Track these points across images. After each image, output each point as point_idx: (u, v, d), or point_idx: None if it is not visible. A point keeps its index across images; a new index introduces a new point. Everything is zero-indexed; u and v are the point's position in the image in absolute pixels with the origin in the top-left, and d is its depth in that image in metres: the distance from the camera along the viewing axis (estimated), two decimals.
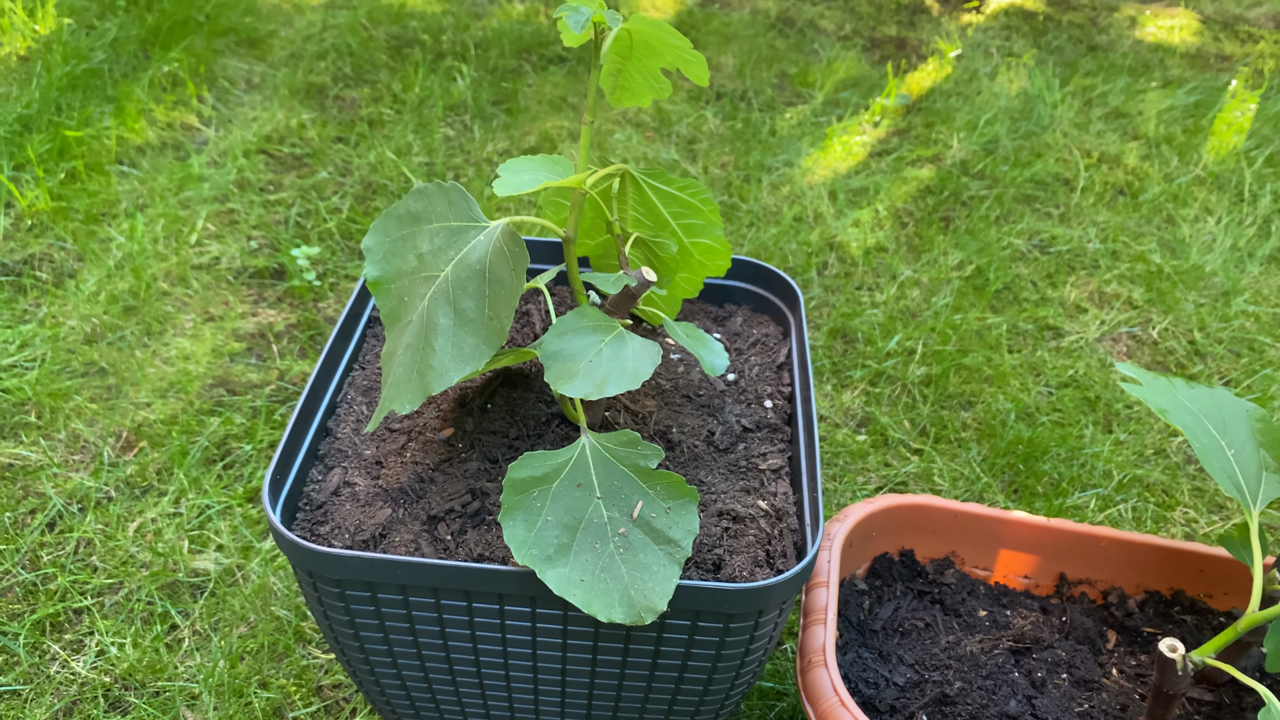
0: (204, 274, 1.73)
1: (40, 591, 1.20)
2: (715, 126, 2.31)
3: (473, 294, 0.80)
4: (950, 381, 1.62)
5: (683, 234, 0.98)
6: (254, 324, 1.64)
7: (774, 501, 0.89)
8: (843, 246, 1.93)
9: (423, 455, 0.93)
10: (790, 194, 2.08)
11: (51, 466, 1.35)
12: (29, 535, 1.27)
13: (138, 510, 1.31)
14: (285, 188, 1.97)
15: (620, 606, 0.74)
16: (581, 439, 0.79)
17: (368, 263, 0.85)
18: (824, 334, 1.70)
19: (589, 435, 0.79)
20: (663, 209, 0.96)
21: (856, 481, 1.44)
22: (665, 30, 0.86)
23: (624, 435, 0.79)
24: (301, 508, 0.88)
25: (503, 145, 2.15)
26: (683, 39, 0.86)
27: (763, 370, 1.03)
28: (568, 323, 0.81)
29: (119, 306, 1.63)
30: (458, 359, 0.80)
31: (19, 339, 1.54)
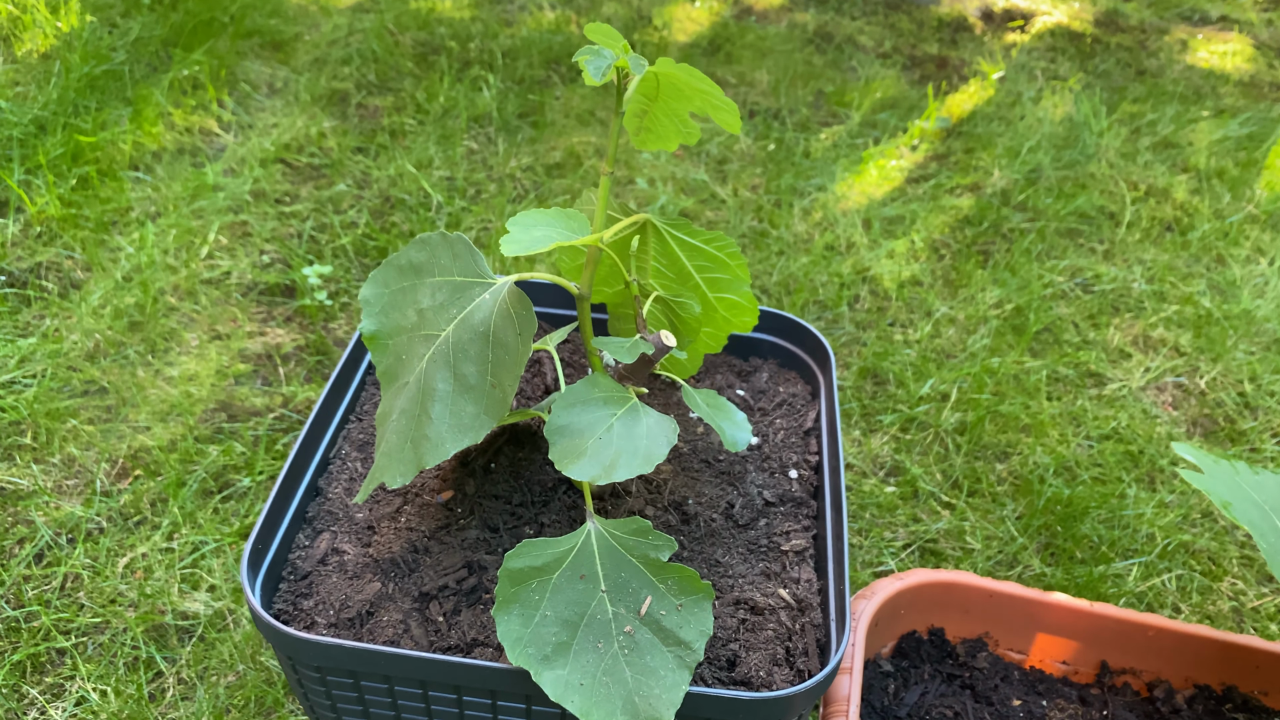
0: (213, 289, 1.68)
1: (23, 629, 1.15)
2: (747, 146, 2.23)
3: (475, 358, 0.74)
4: (985, 430, 1.54)
5: (707, 288, 0.91)
6: (261, 344, 1.58)
7: (796, 590, 0.81)
8: (876, 279, 1.85)
9: (419, 520, 0.86)
10: (823, 220, 2.00)
11: (43, 494, 1.30)
12: (15, 567, 1.21)
13: (129, 544, 1.25)
14: (301, 199, 1.91)
15: (623, 715, 0.67)
16: (587, 525, 0.72)
17: (365, 315, 0.79)
18: (854, 374, 1.63)
19: (595, 520, 0.72)
20: (686, 261, 0.89)
21: (884, 537, 1.37)
22: (694, 75, 0.79)
23: (634, 523, 0.72)
24: (285, 576, 0.82)
25: (526, 160, 2.09)
26: (713, 85, 0.78)
27: (789, 435, 0.96)
28: (577, 393, 0.74)
29: (124, 322, 1.58)
30: (455, 429, 0.73)
31: (19, 354, 1.49)
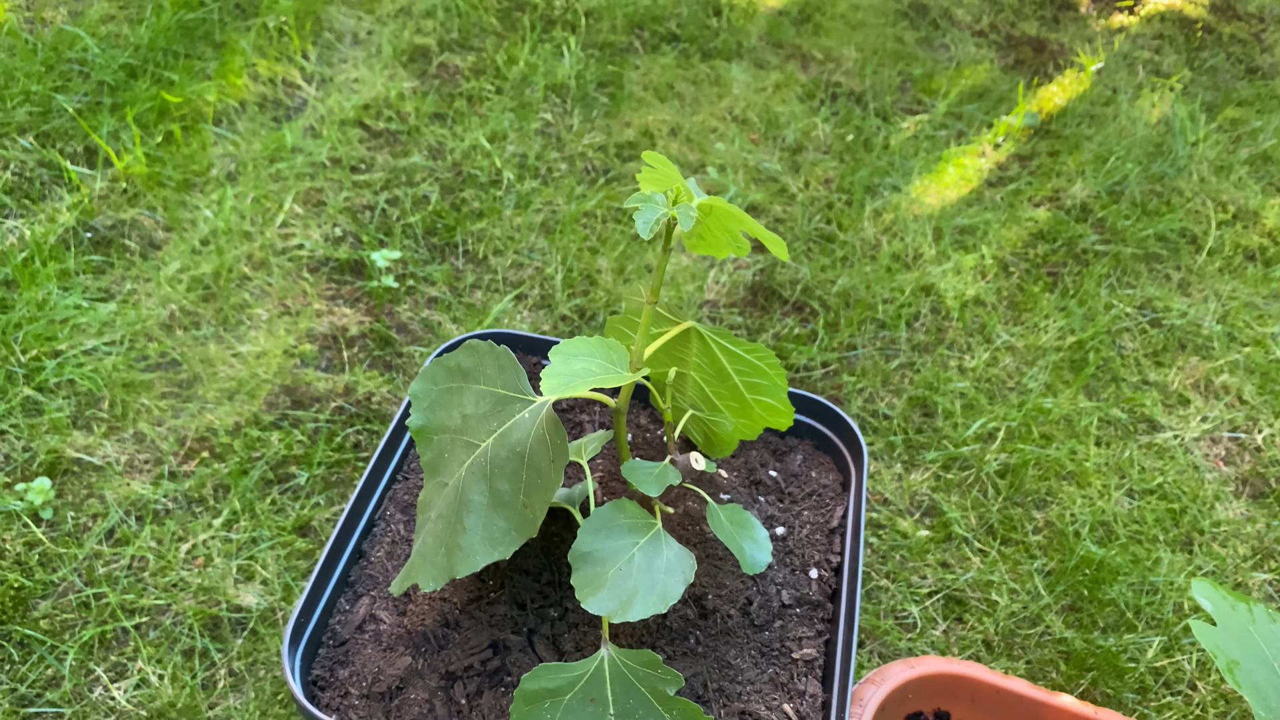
0: (285, 260, 1.73)
1: (93, 606, 1.24)
2: (825, 134, 2.20)
3: (510, 476, 0.77)
4: (1028, 475, 1.54)
5: (745, 390, 0.93)
6: (328, 324, 1.64)
7: (800, 705, 0.85)
8: (939, 296, 1.83)
9: (452, 591, 0.91)
10: (893, 225, 1.97)
11: (115, 470, 1.39)
12: (88, 543, 1.30)
13: (192, 529, 1.33)
14: (376, 167, 1.95)
15: None
16: (601, 652, 0.76)
17: (414, 409, 0.83)
18: (903, 403, 1.63)
19: (609, 647, 0.77)
20: (727, 365, 0.91)
21: (911, 582, 1.40)
22: (741, 216, 0.80)
23: (645, 655, 0.76)
24: (325, 642, 0.88)
25: (599, 139, 2.08)
26: (757, 224, 0.79)
27: (814, 531, 0.99)
28: (603, 518, 0.77)
29: (198, 292, 1.64)
30: (487, 543, 0.77)
31: (99, 321, 1.57)
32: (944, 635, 1.35)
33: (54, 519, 1.32)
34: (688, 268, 1.83)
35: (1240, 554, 1.49)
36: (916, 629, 1.35)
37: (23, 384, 1.46)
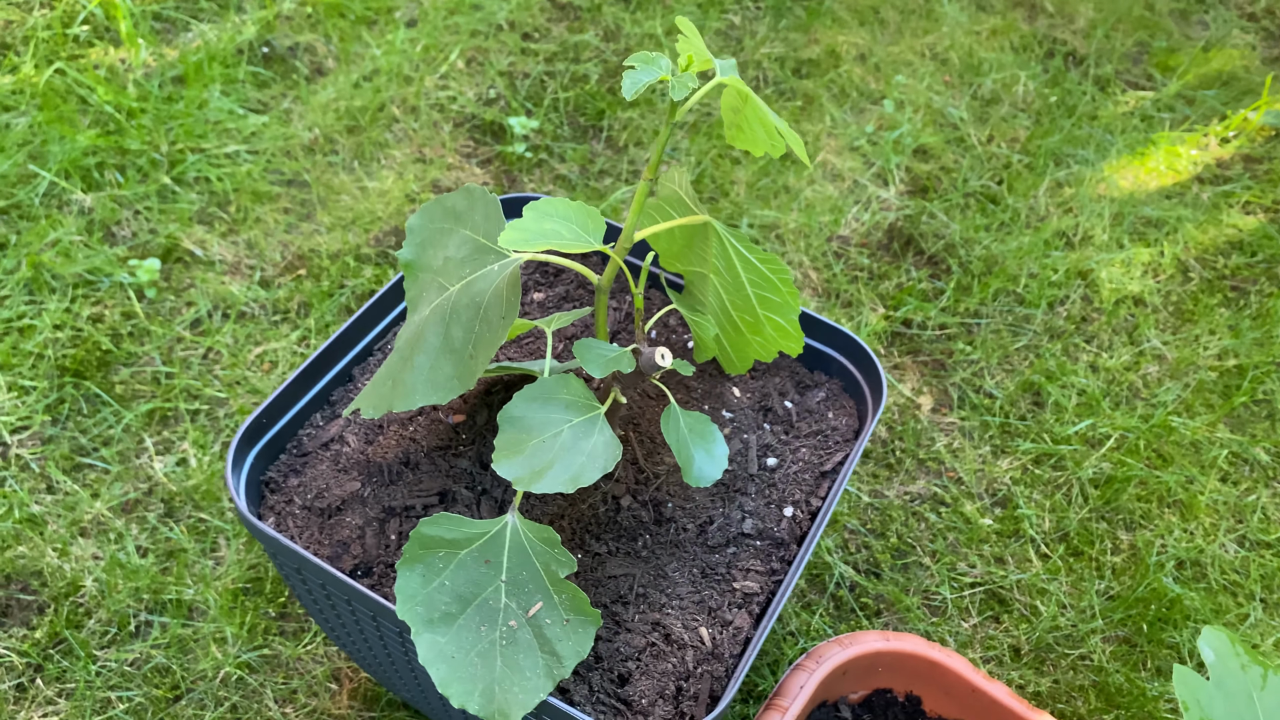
0: (435, 111, 1.76)
1: (162, 384, 1.33)
2: (1027, 91, 2.02)
3: (464, 324, 0.76)
4: (1127, 493, 1.40)
5: (758, 304, 0.87)
6: (454, 178, 1.66)
7: (718, 634, 0.81)
8: (1095, 284, 1.67)
9: (424, 435, 0.91)
10: (1070, 199, 1.80)
11: (219, 267, 1.47)
12: (175, 326, 1.39)
13: (268, 335, 1.40)
14: (548, 38, 1.94)
15: (478, 698, 0.71)
16: (506, 518, 0.74)
17: (406, 243, 0.82)
18: (1015, 384, 1.50)
19: (515, 515, 0.74)
20: (741, 272, 0.86)
21: (955, 568, 1.30)
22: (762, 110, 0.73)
23: (546, 532, 0.74)
24: (288, 449, 0.90)
25: (779, 50, 1.99)
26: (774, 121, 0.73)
27: (804, 470, 0.92)
28: (544, 388, 0.75)
29: (345, 124, 1.70)
30: (430, 385, 0.76)
31: (249, 129, 1.65)
32: (971, 630, 1.25)
33: (154, 298, 1.41)
34: (829, 198, 1.74)
35: None
36: (943, 614, 1.26)
37: (165, 172, 1.55)
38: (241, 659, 1.10)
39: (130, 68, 1.69)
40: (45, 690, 1.07)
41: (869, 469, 1.39)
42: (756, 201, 1.71)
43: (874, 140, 1.86)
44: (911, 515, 1.35)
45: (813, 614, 1.23)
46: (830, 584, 1.26)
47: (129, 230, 1.49)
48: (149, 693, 1.07)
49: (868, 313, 1.56)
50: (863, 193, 1.76)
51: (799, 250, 1.65)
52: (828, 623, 1.23)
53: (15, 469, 1.22)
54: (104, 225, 1.48)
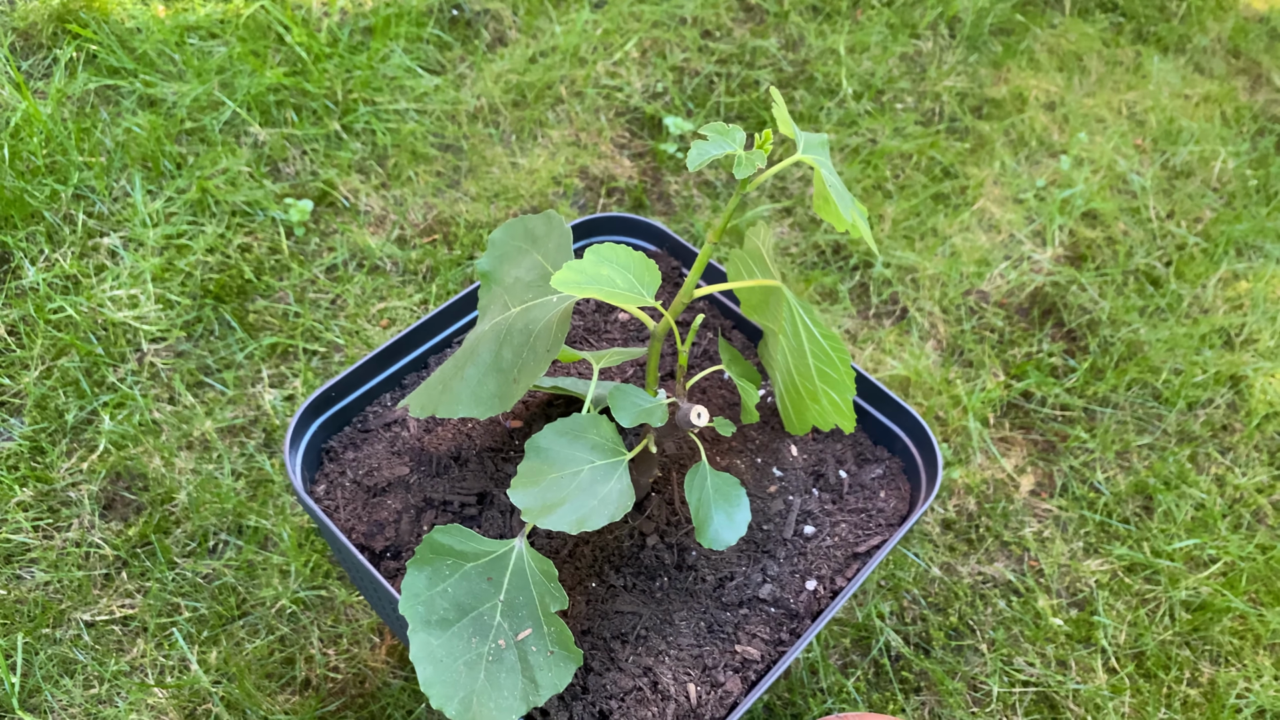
0: (600, 97, 1.79)
1: (288, 323, 1.42)
2: (1226, 170, 1.88)
3: (515, 348, 0.78)
4: (1222, 624, 1.31)
5: (817, 377, 0.86)
6: (603, 168, 1.69)
7: (705, 694, 0.82)
8: (1246, 393, 1.55)
9: (480, 434, 0.95)
10: (1243, 296, 1.67)
11: (364, 219, 1.55)
12: (312, 269, 1.48)
13: (394, 293, 1.47)
14: (728, 39, 1.93)
15: (456, 704, 0.74)
16: (515, 543, 0.77)
17: (486, 254, 0.86)
18: (1127, 482, 1.42)
19: (523, 543, 0.77)
20: (805, 342, 0.85)
21: (1012, 662, 1.26)
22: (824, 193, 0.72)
23: (546, 564, 0.76)
24: (353, 423, 0.95)
25: (963, 85, 1.92)
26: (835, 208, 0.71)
27: (839, 545, 0.91)
28: (574, 425, 0.76)
29: (511, 97, 1.75)
30: (473, 398, 0.80)
31: (421, 89, 1.72)
32: None
33: (300, 238, 1.51)
34: (979, 249, 1.68)
35: None
36: (985, 707, 1.22)
37: (336, 119, 1.64)
38: (299, 595, 1.18)
39: (328, 13, 1.79)
40: (126, 584, 1.17)
41: (947, 540, 1.35)
42: (900, 240, 1.66)
43: (1042, 195, 1.77)
44: (979, 597, 1.31)
45: (848, 677, 1.22)
46: (875, 649, 1.24)
47: (292, 169, 1.58)
48: (212, 607, 1.16)
49: (987, 377, 1.51)
50: (1016, 249, 1.69)
51: (932, 299, 1.60)
52: (861, 689, 1.21)
53: (146, 376, 1.33)
54: (271, 161, 1.58)
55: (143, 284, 1.40)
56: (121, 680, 1.11)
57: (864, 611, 1.26)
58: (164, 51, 1.66)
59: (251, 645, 1.15)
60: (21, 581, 1.17)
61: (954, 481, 1.40)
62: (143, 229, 1.45)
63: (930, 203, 1.72)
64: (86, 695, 1.10)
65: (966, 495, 1.39)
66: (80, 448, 1.27)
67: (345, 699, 1.13)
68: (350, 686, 1.14)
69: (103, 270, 1.42)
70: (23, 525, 1.20)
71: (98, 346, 1.34)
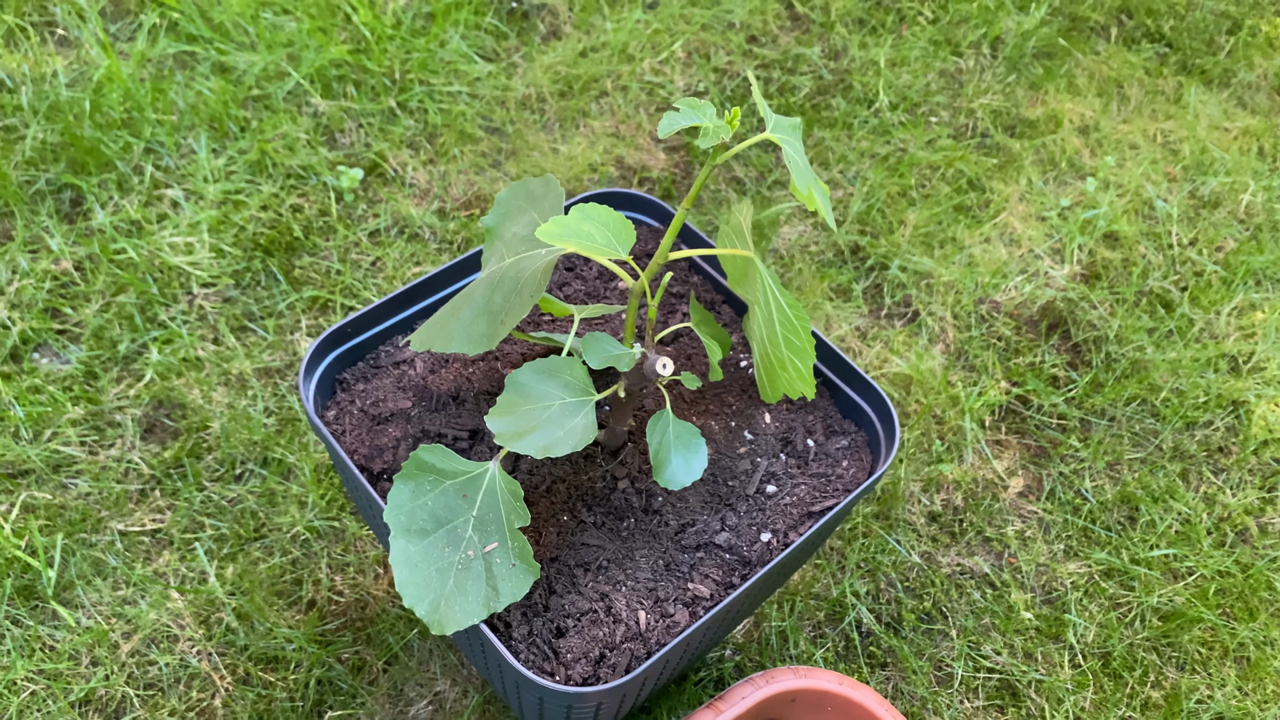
0: (643, 92, 1.87)
1: (330, 277, 1.53)
2: (1255, 202, 1.90)
3: (505, 293, 0.87)
4: (1192, 633, 1.35)
5: (784, 345, 0.93)
6: (638, 159, 1.77)
7: (652, 622, 0.89)
8: (1246, 417, 1.58)
9: (480, 378, 1.04)
10: (1256, 326, 1.70)
11: (410, 190, 1.65)
12: (357, 232, 1.59)
13: (428, 260, 1.57)
14: (774, 45, 2.01)
15: (425, 606, 0.83)
16: (489, 465, 0.85)
17: (491, 211, 0.94)
18: (1114, 492, 1.47)
19: (498, 466, 0.85)
20: (774, 311, 0.92)
21: (980, 649, 1.31)
22: (797, 169, 0.79)
23: (515, 485, 0.84)
24: (367, 359, 1.05)
25: (998, 103, 1.97)
26: (803, 189, 0.79)
27: (795, 505, 0.98)
28: (550, 365, 0.85)
29: (559, 87, 1.84)
30: (465, 337, 0.88)
31: (474, 74, 1.82)
32: (972, 711, 1.26)
33: (349, 203, 1.62)
34: (997, 260, 1.73)
35: None
36: (947, 687, 1.27)
37: (392, 96, 1.75)
38: (313, 524, 1.28)
39: None
40: (159, 500, 1.28)
41: (930, 531, 1.41)
42: (919, 246, 1.72)
43: (1065, 215, 1.82)
44: (955, 586, 1.36)
45: (818, 647, 1.28)
46: (846, 623, 1.30)
47: (348, 139, 1.70)
48: (233, 528, 1.27)
49: (988, 381, 1.56)
50: (1033, 264, 1.74)
51: (944, 305, 1.65)
52: (829, 659, 1.27)
53: (194, 317, 1.45)
54: (328, 130, 1.70)
55: (199, 233, 1.52)
56: (146, 584, 1.22)
57: (840, 589, 1.33)
58: (239, 23, 1.78)
59: (265, 565, 1.25)
60: (66, 489, 1.28)
61: (944, 476, 1.45)
62: (204, 184, 1.57)
63: (952, 212, 1.78)
64: (114, 595, 1.21)
65: (955, 491, 1.45)
66: (129, 376, 1.38)
67: (345, 620, 1.22)
68: (351, 610, 1.23)
69: (164, 218, 1.54)
70: (72, 439, 1.31)
71: (153, 286, 1.46)
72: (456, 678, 1.21)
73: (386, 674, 1.20)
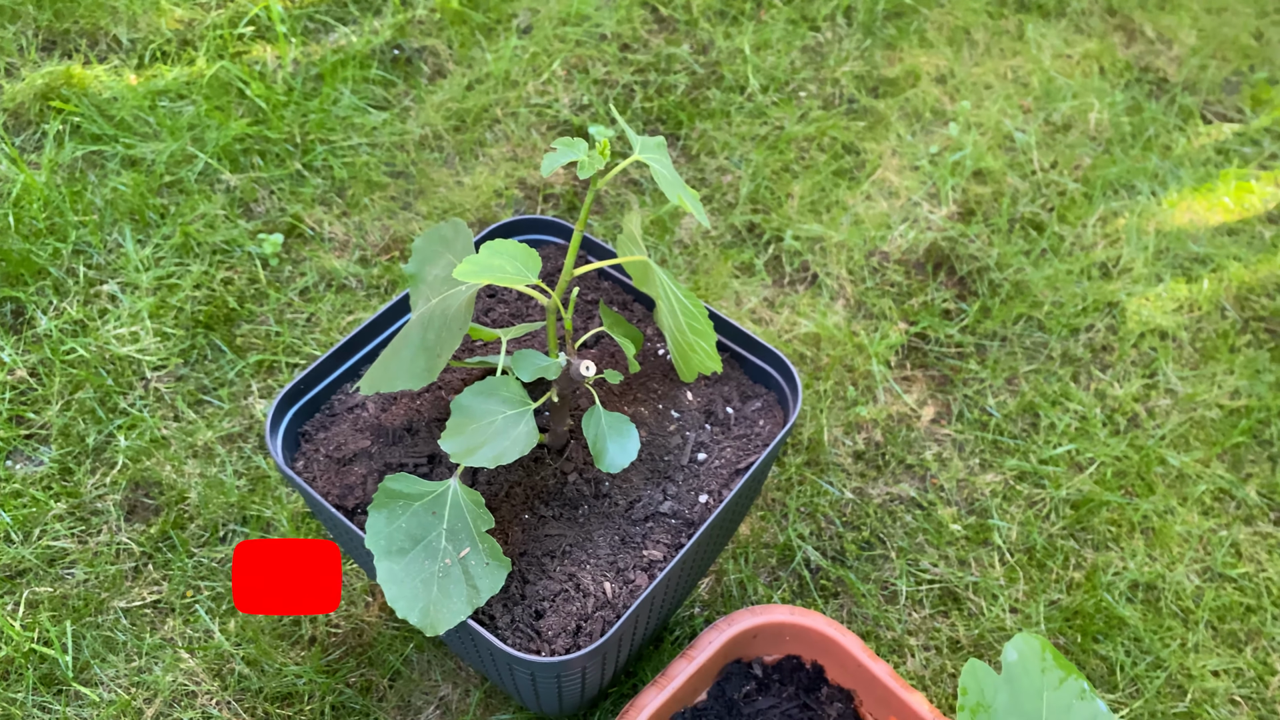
0: (532, 115, 1.99)
1: (270, 340, 1.63)
2: (1103, 119, 2.08)
3: (436, 330, 0.99)
4: (1101, 515, 1.51)
5: (689, 330, 1.06)
6: (538, 178, 1.89)
7: (618, 588, 1.02)
8: (1121, 316, 1.75)
9: (428, 407, 1.16)
10: (1119, 232, 1.88)
11: (328, 245, 1.75)
12: (288, 293, 1.69)
13: (359, 307, 1.68)
14: (646, 49, 2.14)
15: (417, 614, 0.95)
16: (450, 482, 0.97)
17: (411, 259, 1.06)
18: (1015, 405, 1.63)
19: (458, 481, 0.97)
20: (675, 303, 1.05)
21: (918, 564, 1.46)
22: (659, 175, 0.92)
23: (476, 496, 0.96)
24: (323, 409, 1.16)
25: (860, 69, 2.12)
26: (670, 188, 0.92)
27: (725, 465, 1.11)
28: (489, 386, 0.97)
29: (453, 123, 1.95)
30: (409, 373, 1.00)
31: (370, 125, 1.93)
32: (920, 620, 1.41)
33: (275, 267, 1.71)
34: (880, 214, 1.88)
35: None
36: (895, 603, 1.42)
37: (297, 159, 1.85)
38: None
39: (281, 65, 2.00)
40: (153, 574, 1.38)
41: (858, 469, 1.55)
42: (808, 214, 1.87)
43: (935, 161, 1.98)
44: (888, 514, 1.51)
45: (775, 589, 1.42)
46: (795, 563, 1.44)
47: (263, 208, 1.79)
48: (227, 585, 1.37)
49: (887, 325, 1.71)
50: (912, 211, 1.89)
51: (839, 264, 1.80)
52: (786, 598, 1.41)
53: (152, 399, 1.54)
54: (243, 202, 1.79)
55: (141, 321, 1.61)
56: (158, 652, 1.32)
57: (785, 535, 1.47)
58: (139, 115, 1.87)
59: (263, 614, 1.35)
60: (65, 580, 1.37)
61: (862, 417, 1.60)
62: (136, 274, 1.66)
63: (833, 178, 1.92)
64: (129, 667, 1.31)
65: (874, 428, 1.60)
66: (102, 465, 1.47)
67: (346, 648, 1.33)
68: (350, 639, 1.34)
69: (105, 313, 1.62)
70: (61, 534, 1.40)
71: (108, 379, 1.55)
72: (456, 680, 1.32)
73: (393, 689, 1.31)
